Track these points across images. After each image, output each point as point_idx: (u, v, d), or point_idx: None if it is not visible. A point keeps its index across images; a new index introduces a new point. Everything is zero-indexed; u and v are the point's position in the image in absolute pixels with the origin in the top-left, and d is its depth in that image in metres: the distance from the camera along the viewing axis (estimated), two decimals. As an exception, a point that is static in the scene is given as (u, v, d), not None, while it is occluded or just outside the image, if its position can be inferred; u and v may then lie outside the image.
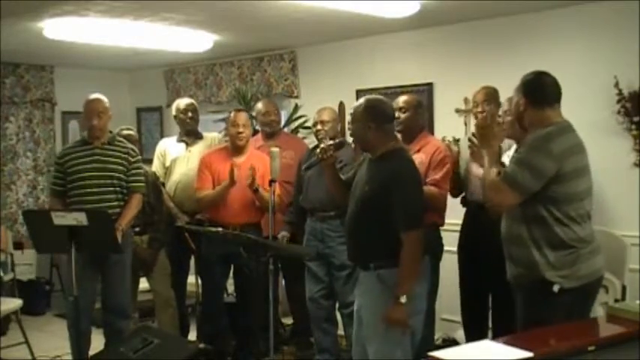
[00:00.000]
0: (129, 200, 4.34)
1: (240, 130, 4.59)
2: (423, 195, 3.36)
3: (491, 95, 4.14)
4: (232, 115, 4.69)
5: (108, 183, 4.26)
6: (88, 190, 4.21)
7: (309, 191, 4.44)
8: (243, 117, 4.66)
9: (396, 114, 4.09)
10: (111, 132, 4.44)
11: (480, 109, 4.17)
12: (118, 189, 4.30)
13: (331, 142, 3.53)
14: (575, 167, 2.88)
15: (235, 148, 4.66)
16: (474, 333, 4.12)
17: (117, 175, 4.29)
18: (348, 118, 3.90)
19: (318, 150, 3.51)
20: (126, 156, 4.36)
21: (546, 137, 2.86)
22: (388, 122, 3.32)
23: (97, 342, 4.41)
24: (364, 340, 3.31)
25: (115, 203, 4.26)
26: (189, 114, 5.21)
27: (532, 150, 2.86)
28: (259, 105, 5.20)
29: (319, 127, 4.52)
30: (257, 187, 4.44)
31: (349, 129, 3.43)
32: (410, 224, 3.13)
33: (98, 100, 4.38)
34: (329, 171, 3.54)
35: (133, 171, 4.38)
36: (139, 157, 4.46)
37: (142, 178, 4.45)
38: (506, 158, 3.51)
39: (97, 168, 4.26)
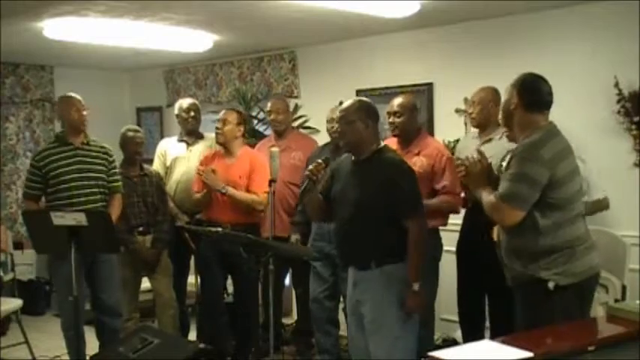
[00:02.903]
0: (111, 201, 4.36)
1: (218, 126, 4.62)
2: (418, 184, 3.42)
3: (482, 98, 4.10)
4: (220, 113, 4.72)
5: (92, 184, 4.26)
6: (75, 191, 4.19)
7: None
8: (224, 115, 4.64)
9: (391, 118, 4.09)
10: (85, 131, 4.41)
11: (470, 110, 4.18)
12: (101, 189, 4.31)
13: (320, 160, 3.49)
14: (566, 171, 2.89)
15: (225, 147, 4.66)
16: (471, 332, 4.14)
17: (100, 175, 4.30)
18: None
19: (307, 171, 3.48)
20: (105, 156, 4.38)
21: (535, 145, 2.87)
22: (377, 121, 3.41)
23: (93, 342, 4.42)
24: (364, 337, 3.34)
25: (100, 204, 4.27)
26: (192, 113, 5.22)
27: (523, 161, 2.86)
28: (268, 104, 5.19)
29: (335, 123, 4.50)
30: (221, 191, 4.44)
31: (338, 131, 3.43)
32: (415, 211, 3.25)
33: (77, 98, 4.36)
34: (312, 189, 3.51)
35: (112, 171, 4.40)
36: (114, 156, 4.48)
37: (119, 177, 4.47)
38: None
39: (81, 169, 4.25)
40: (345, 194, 3.36)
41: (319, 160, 3.50)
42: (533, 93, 2.96)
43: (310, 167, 3.47)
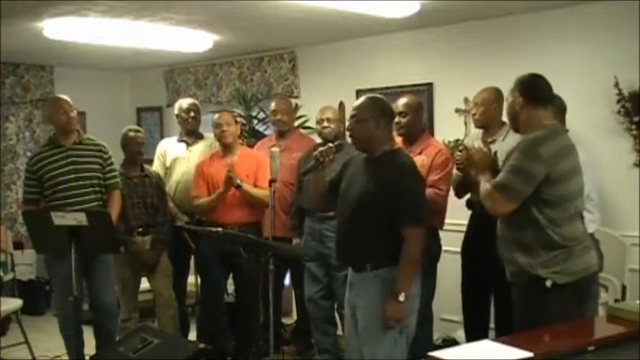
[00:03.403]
0: (110, 198, 4.35)
1: (224, 128, 4.64)
2: (425, 195, 3.35)
3: (485, 99, 4.09)
4: (215, 117, 4.75)
5: (87, 184, 4.26)
6: (70, 192, 4.19)
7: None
8: (224, 117, 4.71)
9: (396, 118, 4.08)
10: (78, 130, 4.41)
11: (473, 111, 4.18)
12: (97, 188, 4.30)
13: (331, 144, 3.46)
14: (565, 170, 2.92)
15: (225, 148, 4.69)
16: (476, 335, 4.12)
17: (95, 174, 4.30)
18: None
19: (316, 152, 3.43)
20: (100, 153, 4.36)
21: (535, 142, 2.92)
22: (392, 121, 3.35)
23: (92, 342, 4.42)
24: (359, 341, 3.29)
25: (96, 203, 4.26)
26: (192, 114, 5.22)
27: (521, 155, 2.92)
28: (271, 103, 5.19)
29: (325, 124, 4.50)
30: (239, 184, 4.46)
31: (349, 128, 3.34)
32: (413, 220, 3.13)
33: (64, 99, 4.35)
34: (319, 173, 3.45)
35: (108, 167, 4.38)
36: (110, 152, 4.46)
37: (117, 173, 4.46)
38: None
39: (75, 170, 4.24)
40: (349, 191, 3.30)
41: (330, 144, 3.46)
42: (535, 88, 3.03)
43: (321, 148, 3.42)
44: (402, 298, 3.08)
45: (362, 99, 3.34)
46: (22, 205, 4.64)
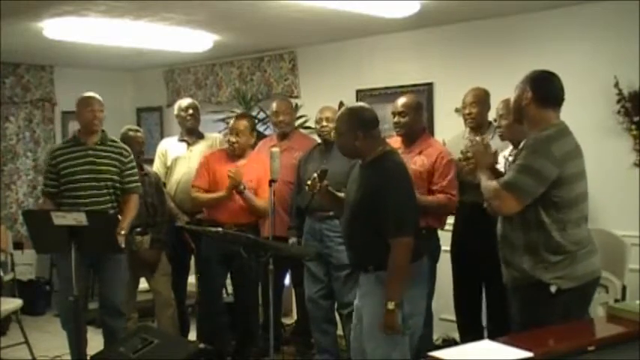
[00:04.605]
0: (126, 202, 4.31)
1: (233, 139, 4.61)
2: (414, 200, 3.28)
3: (479, 97, 4.13)
4: (232, 121, 4.71)
5: (101, 185, 4.23)
6: (81, 192, 4.18)
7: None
8: (241, 125, 4.64)
9: (396, 118, 4.09)
10: (103, 131, 4.39)
11: (467, 111, 4.18)
12: (111, 190, 4.27)
13: (315, 175, 3.44)
14: (574, 171, 2.88)
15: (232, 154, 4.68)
16: (469, 333, 4.14)
17: (110, 176, 4.26)
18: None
19: (306, 187, 3.46)
20: (118, 156, 4.33)
21: (547, 140, 2.85)
22: (374, 128, 3.27)
23: (94, 342, 4.43)
24: (362, 339, 3.31)
25: (109, 205, 4.23)
26: (190, 111, 5.22)
27: (533, 154, 2.85)
28: (272, 104, 5.18)
29: (324, 123, 4.51)
30: (242, 189, 4.45)
31: (335, 140, 3.39)
32: (398, 231, 3.11)
33: (95, 98, 4.35)
34: (326, 197, 3.48)
35: (128, 172, 4.34)
36: (132, 156, 4.43)
37: (137, 177, 4.42)
38: (501, 158, 3.52)
39: (91, 170, 4.22)
40: (348, 195, 3.34)
41: (315, 175, 3.45)
42: (546, 88, 2.95)
43: (309, 182, 3.44)
44: (390, 306, 3.08)
45: (341, 110, 3.37)
46: (41, 195, 4.63)
